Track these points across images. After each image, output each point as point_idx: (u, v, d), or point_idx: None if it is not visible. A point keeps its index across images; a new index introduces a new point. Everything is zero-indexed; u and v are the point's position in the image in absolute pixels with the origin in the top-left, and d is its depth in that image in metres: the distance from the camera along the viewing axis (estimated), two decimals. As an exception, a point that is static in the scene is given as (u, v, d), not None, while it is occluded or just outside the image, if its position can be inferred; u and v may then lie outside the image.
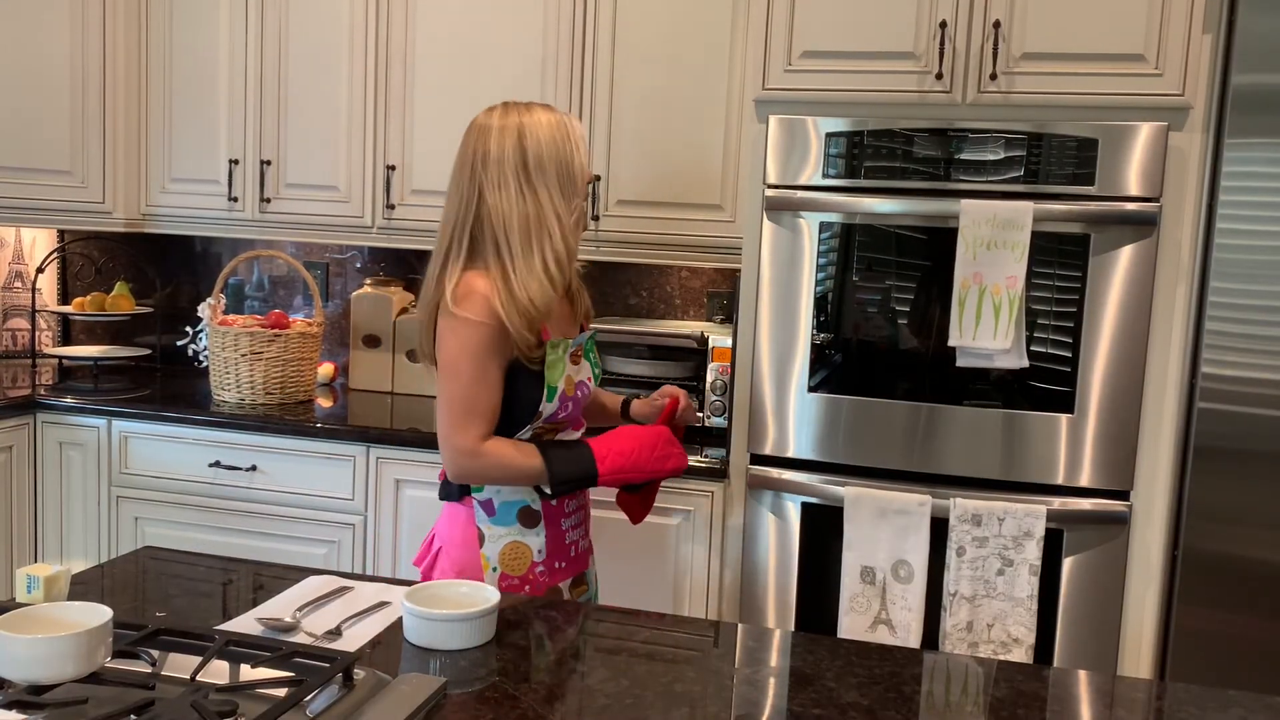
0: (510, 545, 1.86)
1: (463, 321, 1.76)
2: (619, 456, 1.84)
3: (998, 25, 2.30)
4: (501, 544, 1.86)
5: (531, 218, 1.80)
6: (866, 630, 2.39)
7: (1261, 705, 1.36)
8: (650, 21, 2.82)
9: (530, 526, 1.87)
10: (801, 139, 2.41)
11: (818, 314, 2.44)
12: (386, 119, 3.04)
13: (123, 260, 3.69)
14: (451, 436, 1.79)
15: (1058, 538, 2.34)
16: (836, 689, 1.36)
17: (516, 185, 1.80)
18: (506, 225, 1.79)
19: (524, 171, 1.80)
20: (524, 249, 1.79)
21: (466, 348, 1.77)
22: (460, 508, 1.88)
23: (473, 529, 1.86)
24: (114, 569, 1.71)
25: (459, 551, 1.87)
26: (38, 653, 1.15)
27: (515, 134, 1.81)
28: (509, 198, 1.80)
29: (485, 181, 1.81)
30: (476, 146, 1.83)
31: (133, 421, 2.95)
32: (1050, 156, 2.29)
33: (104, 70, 3.20)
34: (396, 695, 1.21)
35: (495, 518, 1.86)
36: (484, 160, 1.81)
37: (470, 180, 1.82)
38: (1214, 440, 2.25)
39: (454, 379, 1.78)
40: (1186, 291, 2.29)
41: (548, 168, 1.81)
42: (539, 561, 1.87)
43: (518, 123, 1.82)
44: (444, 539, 1.90)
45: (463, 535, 1.87)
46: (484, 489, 1.86)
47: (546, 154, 1.81)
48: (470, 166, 1.82)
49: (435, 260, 1.86)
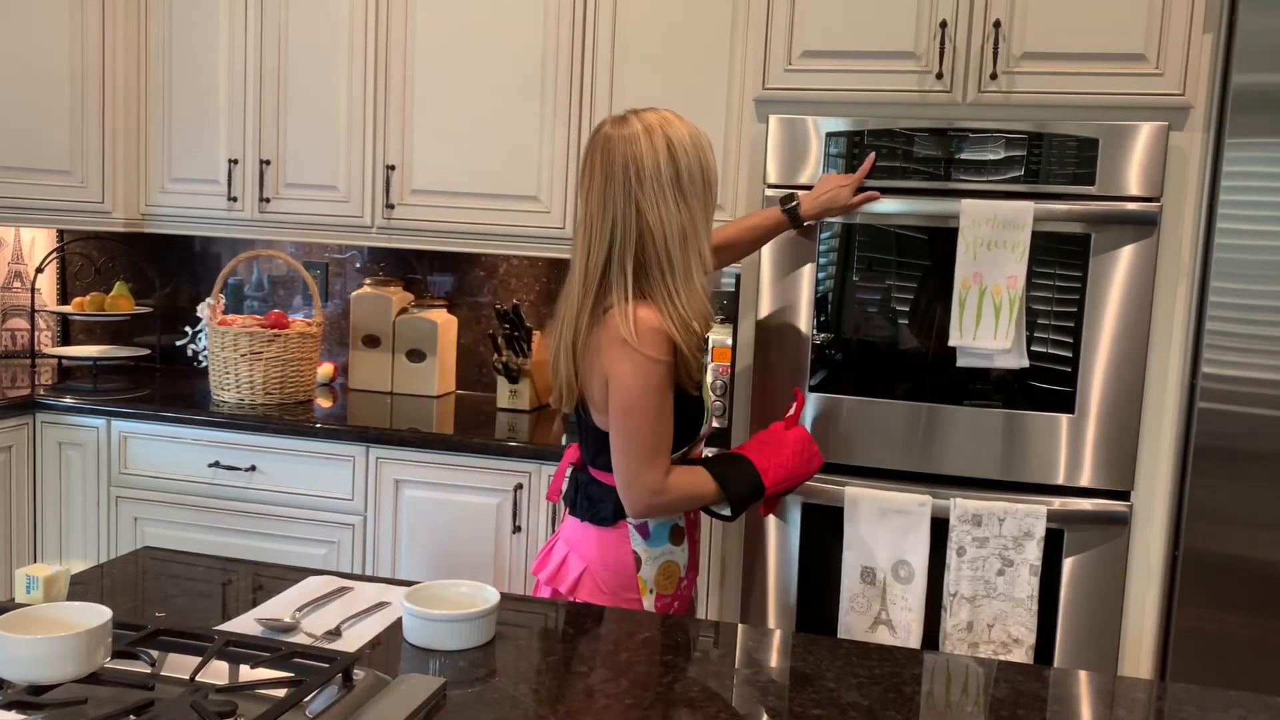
0: (664, 565, 1.85)
1: (646, 359, 1.69)
2: (779, 469, 1.85)
3: (998, 25, 2.30)
4: (658, 565, 1.84)
5: (688, 233, 1.73)
6: (867, 630, 2.39)
7: (1262, 705, 1.36)
8: (650, 21, 2.82)
9: (678, 544, 1.87)
10: (802, 139, 2.41)
11: (818, 314, 2.43)
12: (386, 119, 3.04)
13: (122, 260, 3.69)
14: (641, 476, 1.74)
15: (1058, 538, 2.33)
16: (836, 689, 1.36)
17: (674, 198, 1.72)
18: (669, 242, 1.72)
19: (678, 185, 1.73)
20: (684, 267, 1.73)
21: (651, 385, 1.71)
22: (612, 531, 1.84)
23: (628, 553, 1.83)
24: (113, 569, 1.71)
25: (611, 575, 1.83)
26: (37, 653, 1.15)
27: (665, 145, 1.73)
28: (669, 212, 1.72)
29: (642, 197, 1.71)
30: (627, 159, 1.72)
31: (132, 421, 2.95)
32: (1051, 156, 2.28)
33: (103, 70, 3.20)
34: (396, 695, 1.21)
35: (651, 540, 1.84)
36: (638, 174, 1.71)
37: (625, 197, 1.72)
38: (1214, 440, 2.25)
39: (640, 419, 1.72)
40: (1187, 291, 2.29)
41: (696, 178, 1.75)
42: (684, 576, 1.88)
43: (663, 133, 1.74)
44: (588, 559, 1.85)
45: (616, 559, 1.83)
46: None
47: (695, 164, 1.75)
48: (625, 185, 1.72)
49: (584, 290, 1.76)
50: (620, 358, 1.71)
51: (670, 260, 1.72)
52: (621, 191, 1.72)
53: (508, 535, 2.70)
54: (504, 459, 2.68)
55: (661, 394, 1.73)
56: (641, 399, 1.71)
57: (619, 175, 1.72)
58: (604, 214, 1.73)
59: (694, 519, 1.91)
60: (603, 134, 1.77)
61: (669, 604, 1.85)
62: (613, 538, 1.84)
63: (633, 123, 1.75)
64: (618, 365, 1.71)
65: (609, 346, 1.72)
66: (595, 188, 1.75)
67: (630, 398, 1.72)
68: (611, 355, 1.72)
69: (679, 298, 1.72)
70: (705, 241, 1.77)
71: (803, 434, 1.91)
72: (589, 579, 1.85)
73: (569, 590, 1.86)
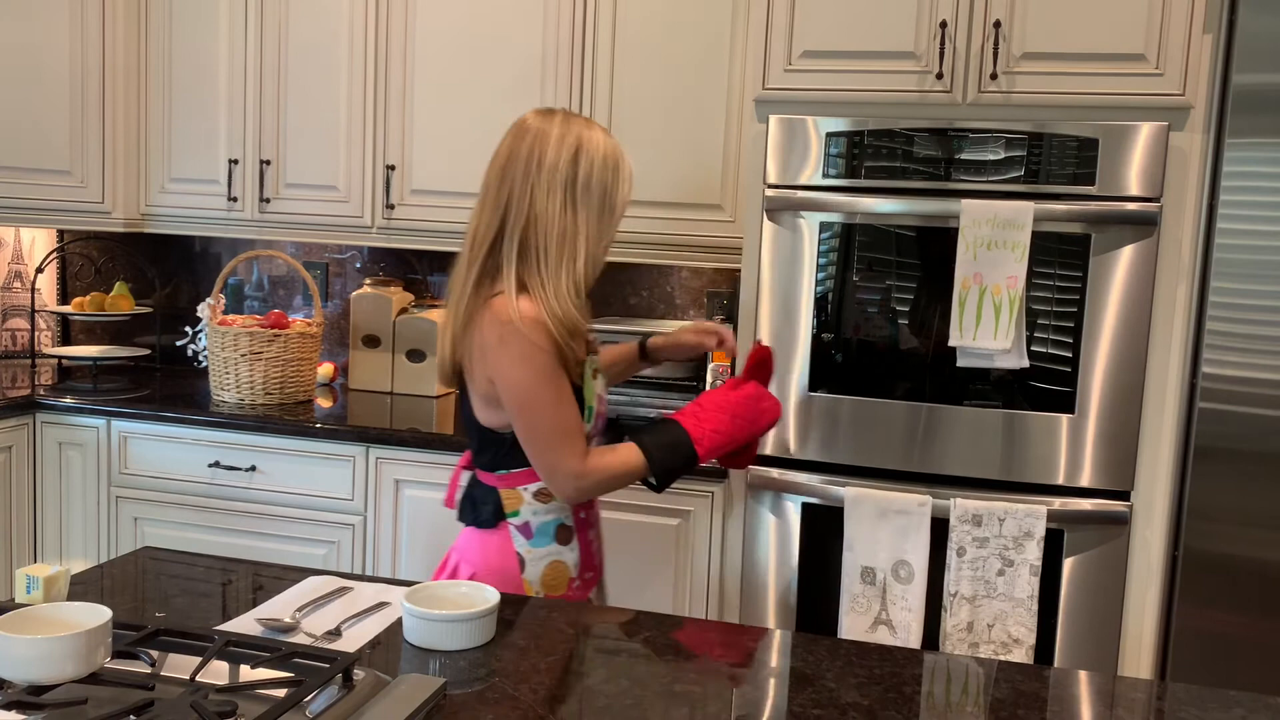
0: (550, 565, 1.82)
1: (530, 349, 1.71)
2: (716, 435, 1.81)
3: (998, 25, 2.30)
4: (542, 565, 1.82)
5: (568, 235, 1.75)
6: (867, 630, 2.39)
7: (1262, 705, 1.36)
8: (650, 21, 2.82)
9: (566, 543, 1.84)
10: (801, 139, 2.41)
11: (818, 314, 2.43)
12: (386, 119, 3.04)
13: (122, 260, 3.69)
14: (560, 466, 1.74)
15: (1058, 538, 2.34)
16: (836, 689, 1.36)
17: (563, 198, 1.76)
18: (549, 236, 1.75)
19: (572, 187, 1.76)
20: (557, 264, 1.75)
21: (541, 375, 1.72)
22: (492, 534, 1.82)
23: (511, 555, 1.81)
24: (113, 569, 1.71)
25: (497, 580, 1.80)
26: (37, 653, 1.15)
27: (573, 148, 1.77)
28: (554, 209, 1.75)
29: (537, 184, 1.75)
30: (533, 149, 1.77)
31: (132, 422, 2.95)
32: (1051, 156, 2.28)
33: (103, 70, 3.20)
34: (396, 695, 1.21)
35: (534, 540, 1.82)
36: (539, 162, 1.75)
37: (524, 180, 1.76)
38: (1214, 440, 2.25)
39: (539, 409, 1.73)
40: (1187, 291, 2.29)
41: (594, 191, 1.77)
42: (575, 576, 1.85)
43: (577, 136, 1.78)
44: (475, 565, 1.83)
45: (500, 562, 1.81)
46: (521, 512, 1.82)
47: (596, 177, 1.77)
48: (525, 167, 1.76)
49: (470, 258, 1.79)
50: (504, 353, 1.72)
51: (547, 253, 1.74)
52: (521, 172, 1.75)
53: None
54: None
55: (553, 380, 1.73)
56: (535, 389, 1.72)
57: (523, 156, 1.76)
58: (501, 187, 1.77)
59: (586, 518, 1.87)
60: (525, 120, 1.81)
61: None
62: (495, 540, 1.82)
63: (555, 120, 1.79)
64: (502, 362, 1.72)
65: (495, 343, 1.73)
66: (499, 162, 1.79)
67: (523, 391, 1.72)
68: (497, 352, 1.73)
69: (548, 290, 1.73)
70: (584, 253, 1.77)
71: (751, 391, 1.86)
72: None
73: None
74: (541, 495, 1.82)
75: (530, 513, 1.81)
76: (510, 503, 1.82)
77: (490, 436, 1.81)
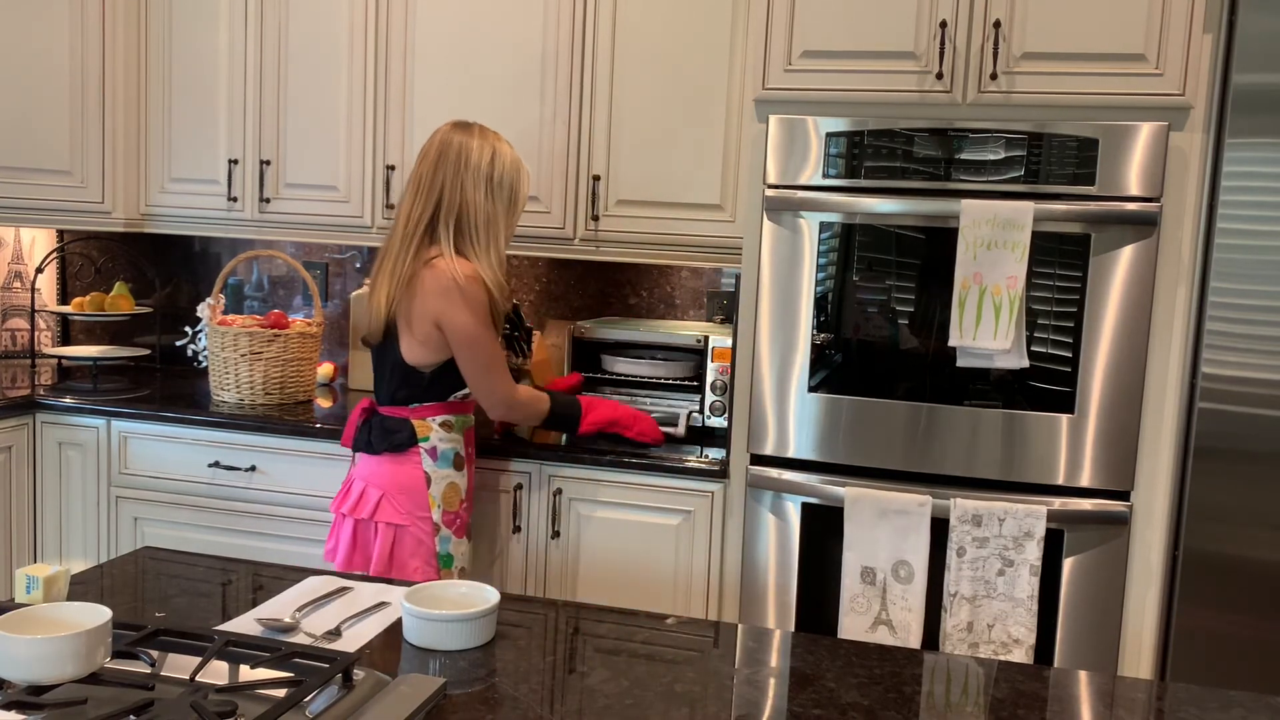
0: (449, 485, 2.32)
1: (474, 297, 2.20)
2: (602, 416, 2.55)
3: (998, 25, 2.30)
4: (444, 485, 2.31)
5: (490, 220, 2.27)
6: (866, 630, 2.39)
7: (1262, 705, 1.36)
8: (650, 21, 2.82)
9: (459, 470, 2.34)
10: (801, 139, 2.41)
11: (818, 314, 2.43)
12: (386, 119, 3.04)
13: (122, 260, 3.69)
14: (498, 389, 2.30)
15: (1058, 538, 2.34)
16: (836, 689, 1.36)
17: (485, 190, 2.25)
18: (476, 219, 2.24)
19: (490, 182, 2.26)
20: (485, 242, 2.25)
21: (481, 318, 2.23)
22: (406, 457, 2.28)
23: (419, 475, 2.28)
24: (113, 569, 1.71)
25: (406, 497, 2.27)
26: (37, 653, 1.15)
27: (490, 152, 2.27)
28: (480, 198, 2.25)
29: (466, 177, 2.24)
30: (460, 149, 2.26)
31: (132, 421, 2.95)
32: (1051, 156, 2.28)
33: (103, 70, 3.20)
34: (396, 695, 1.21)
35: (439, 462, 2.30)
36: (466, 160, 2.25)
37: (455, 173, 2.24)
38: (1214, 440, 2.25)
39: (482, 345, 2.24)
40: (1187, 291, 2.29)
41: (505, 187, 2.28)
42: (464, 499, 2.36)
43: (491, 145, 2.28)
44: (384, 486, 2.27)
45: (409, 481, 2.27)
46: (430, 438, 2.29)
47: (507, 177, 2.29)
48: (455, 164, 2.25)
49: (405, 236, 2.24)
50: (453, 301, 2.19)
51: (477, 231, 2.25)
52: (452, 168, 2.25)
53: (508, 535, 2.70)
54: (503, 459, 2.68)
55: (491, 325, 2.26)
56: (479, 328, 2.23)
57: (452, 155, 2.26)
58: (434, 179, 2.25)
59: (469, 454, 2.39)
60: (445, 130, 2.30)
61: (452, 519, 2.31)
62: (406, 463, 2.28)
63: (473, 130, 2.30)
64: (452, 308, 2.20)
65: (440, 294, 2.19)
66: (430, 159, 2.27)
67: (470, 330, 2.22)
68: (445, 301, 2.19)
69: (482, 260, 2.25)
70: (502, 238, 2.30)
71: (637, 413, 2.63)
72: (387, 503, 2.26)
73: (370, 514, 2.26)
74: (445, 425, 2.31)
75: (437, 439, 2.30)
76: (422, 430, 2.29)
77: (414, 376, 2.28)
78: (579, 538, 2.66)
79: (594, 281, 3.27)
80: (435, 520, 2.28)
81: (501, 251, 2.29)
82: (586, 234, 2.90)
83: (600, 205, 2.88)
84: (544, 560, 2.68)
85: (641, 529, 2.62)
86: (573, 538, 2.66)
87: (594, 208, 2.88)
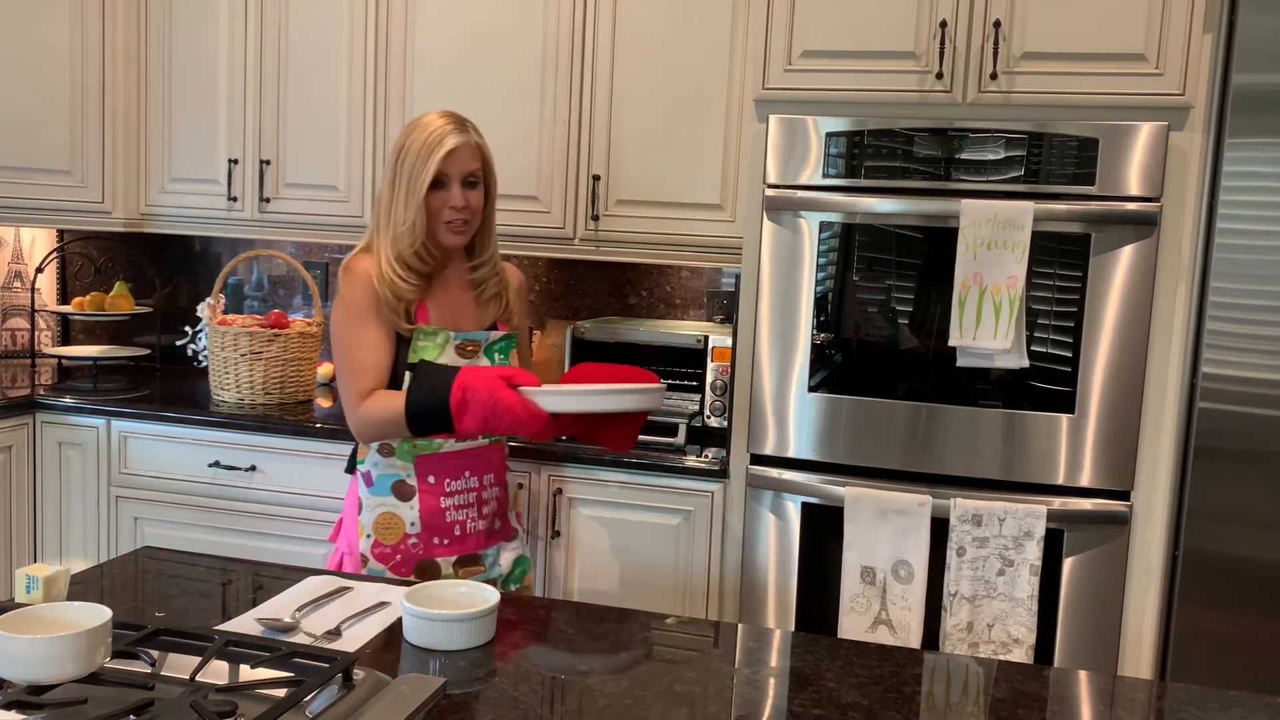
0: (384, 515, 2.01)
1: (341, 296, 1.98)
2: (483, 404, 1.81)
3: (998, 25, 2.30)
4: (376, 513, 2.01)
5: (384, 206, 2.00)
6: (866, 630, 2.39)
7: (1262, 705, 1.36)
8: (650, 21, 2.82)
9: (404, 499, 2.01)
10: (801, 139, 2.41)
11: (818, 314, 2.43)
12: (386, 119, 3.04)
13: (122, 260, 3.69)
14: (346, 396, 1.96)
15: (1058, 538, 2.34)
16: (836, 689, 1.36)
17: (389, 176, 2.00)
18: (379, 206, 2.01)
19: (393, 162, 1.99)
20: (384, 233, 1.99)
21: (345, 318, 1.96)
22: (352, 480, 2.07)
23: (354, 498, 2.05)
24: (113, 569, 1.71)
25: (348, 520, 2.05)
26: (37, 653, 1.15)
27: (406, 131, 2.00)
28: (384, 184, 2.01)
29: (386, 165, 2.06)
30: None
31: (132, 421, 2.95)
32: (1051, 156, 2.28)
33: (103, 69, 3.19)
34: (396, 695, 1.21)
35: (372, 489, 2.02)
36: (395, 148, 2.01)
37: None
38: (1214, 440, 2.25)
39: (337, 347, 1.97)
40: (1187, 291, 2.29)
41: (404, 166, 1.97)
42: (411, 534, 2.01)
43: (416, 121, 2.00)
44: (343, 511, 2.08)
45: (350, 504, 2.06)
46: (365, 461, 2.02)
47: (411, 155, 1.96)
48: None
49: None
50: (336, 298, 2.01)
51: (379, 220, 2.00)
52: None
53: (508, 535, 2.70)
54: (504, 459, 2.68)
55: (355, 324, 1.96)
56: (338, 329, 1.97)
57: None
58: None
59: (431, 485, 2.00)
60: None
61: (389, 555, 2.00)
62: (352, 485, 2.07)
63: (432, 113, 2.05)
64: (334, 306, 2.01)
65: None
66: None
67: (332, 329, 1.99)
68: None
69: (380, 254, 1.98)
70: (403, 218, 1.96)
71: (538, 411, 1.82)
72: (341, 527, 2.08)
73: (332, 537, 2.11)
74: (383, 449, 2.00)
75: (371, 464, 2.02)
76: (361, 452, 2.04)
77: None
78: (579, 538, 2.66)
79: (594, 281, 3.27)
80: (362, 551, 2.00)
81: (401, 235, 1.96)
82: (586, 234, 2.90)
83: (600, 205, 2.88)
84: (544, 560, 2.68)
85: (641, 529, 2.62)
86: (573, 538, 2.66)
87: (594, 207, 2.88)
